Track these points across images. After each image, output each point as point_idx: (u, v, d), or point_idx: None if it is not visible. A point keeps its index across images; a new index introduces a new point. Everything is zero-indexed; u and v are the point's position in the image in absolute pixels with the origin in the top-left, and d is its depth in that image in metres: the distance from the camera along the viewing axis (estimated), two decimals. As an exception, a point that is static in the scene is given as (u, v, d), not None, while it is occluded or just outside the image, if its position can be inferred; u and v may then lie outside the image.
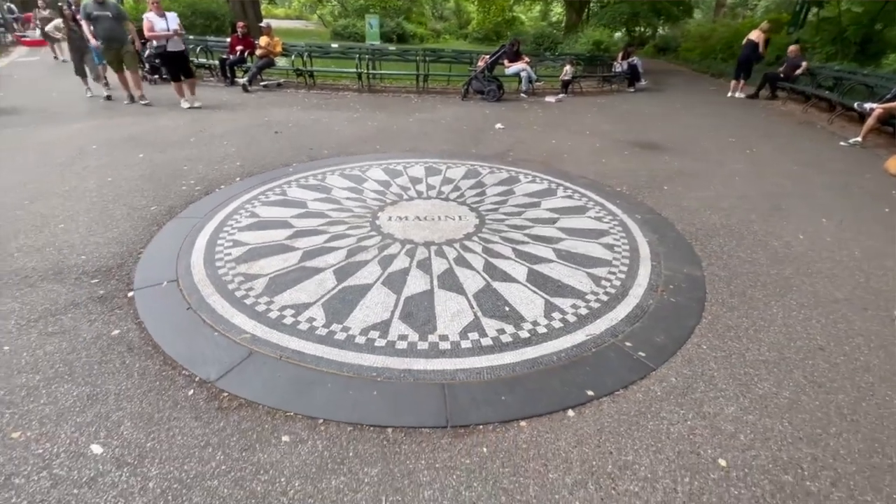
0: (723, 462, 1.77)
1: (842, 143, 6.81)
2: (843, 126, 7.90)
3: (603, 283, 2.94)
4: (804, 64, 9.55)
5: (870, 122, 6.67)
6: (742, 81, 10.45)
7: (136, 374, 2.08)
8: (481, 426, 1.87)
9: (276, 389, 2.02)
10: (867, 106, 6.93)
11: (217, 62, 9.77)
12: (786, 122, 8.31)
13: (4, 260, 2.95)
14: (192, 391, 2.00)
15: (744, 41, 10.42)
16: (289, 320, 2.47)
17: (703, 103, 9.86)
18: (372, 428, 1.84)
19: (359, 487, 1.60)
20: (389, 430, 1.84)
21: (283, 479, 1.62)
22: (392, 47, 13.25)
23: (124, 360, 2.16)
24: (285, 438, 1.78)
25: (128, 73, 7.21)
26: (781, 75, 9.90)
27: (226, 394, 1.98)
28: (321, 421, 1.87)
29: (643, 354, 2.31)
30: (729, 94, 10.51)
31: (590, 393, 2.05)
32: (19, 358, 2.16)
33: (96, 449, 1.71)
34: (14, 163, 4.64)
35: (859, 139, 6.73)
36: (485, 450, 1.77)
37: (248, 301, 2.62)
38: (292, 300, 2.64)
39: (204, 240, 3.28)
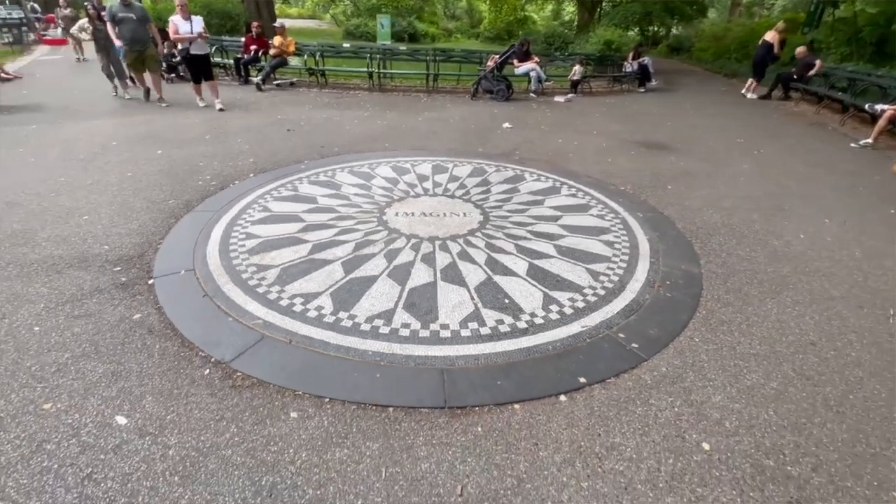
0: (706, 446, 1.85)
1: (852, 145, 6.77)
2: (856, 128, 7.83)
3: (601, 278, 3.03)
4: (818, 62, 9.45)
5: (881, 123, 6.62)
6: (756, 82, 10.40)
7: (157, 354, 2.23)
8: (477, 408, 1.98)
9: (286, 370, 2.15)
10: (878, 107, 6.88)
11: (232, 61, 10.00)
12: (797, 123, 8.26)
13: (34, 248, 3.13)
14: (207, 370, 2.14)
15: (760, 41, 10.37)
16: (298, 308, 2.61)
17: (713, 104, 9.83)
18: (374, 407, 1.96)
19: (361, 459, 1.73)
20: (391, 409, 1.96)
21: (291, 451, 1.75)
22: (403, 47, 13.39)
23: (145, 342, 2.31)
24: (294, 414, 1.91)
25: (148, 75, 7.41)
26: (794, 76, 9.82)
27: (239, 373, 2.12)
28: (327, 400, 1.99)
29: (636, 345, 2.40)
30: (743, 92, 10.46)
31: (582, 380, 2.15)
32: (49, 338, 2.32)
33: (121, 420, 1.86)
34: (40, 158, 4.86)
35: (870, 141, 6.69)
36: (480, 429, 1.88)
37: (260, 290, 2.76)
38: (302, 289, 2.78)
39: (219, 232, 3.44)
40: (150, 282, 2.83)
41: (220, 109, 7.24)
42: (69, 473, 1.65)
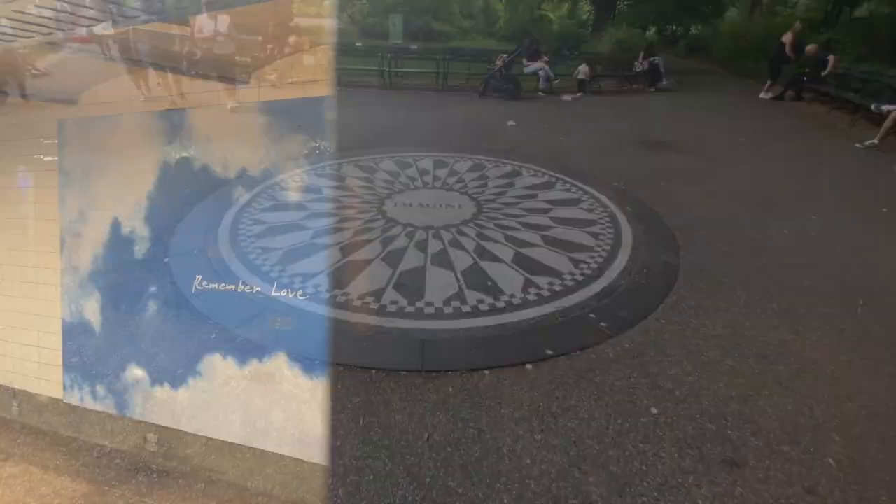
0: (654, 410, 2.05)
1: (857, 145, 6.74)
2: (866, 129, 7.76)
3: (581, 265, 3.21)
4: (831, 58, 9.30)
5: (888, 123, 6.58)
6: (769, 82, 10.34)
7: (171, 322, 2.52)
8: (450, 372, 2.21)
9: (284, 337, 2.41)
10: (885, 107, 6.85)
11: (250, 60, 10.36)
12: (805, 123, 8.23)
13: (65, 229, 3.46)
14: (214, 335, 2.41)
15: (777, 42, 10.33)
16: (298, 285, 2.86)
17: (723, 104, 9.80)
18: (359, 369, 2.21)
19: (342, 410, 1.97)
20: (373, 371, 2.21)
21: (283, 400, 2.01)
22: (414, 46, 13.63)
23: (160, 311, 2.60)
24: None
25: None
26: (804, 77, 9.75)
27: (241, 338, 2.39)
28: (318, 361, 2.24)
29: (604, 324, 2.60)
30: (761, 95, 10.41)
31: (549, 352, 2.36)
32: (78, 305, 2.63)
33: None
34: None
35: (875, 141, 6.65)
36: (450, 389, 2.11)
37: (264, 269, 3.04)
38: (302, 270, 3.03)
39: (230, 218, 3.73)
40: (166, 260, 3.13)
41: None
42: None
